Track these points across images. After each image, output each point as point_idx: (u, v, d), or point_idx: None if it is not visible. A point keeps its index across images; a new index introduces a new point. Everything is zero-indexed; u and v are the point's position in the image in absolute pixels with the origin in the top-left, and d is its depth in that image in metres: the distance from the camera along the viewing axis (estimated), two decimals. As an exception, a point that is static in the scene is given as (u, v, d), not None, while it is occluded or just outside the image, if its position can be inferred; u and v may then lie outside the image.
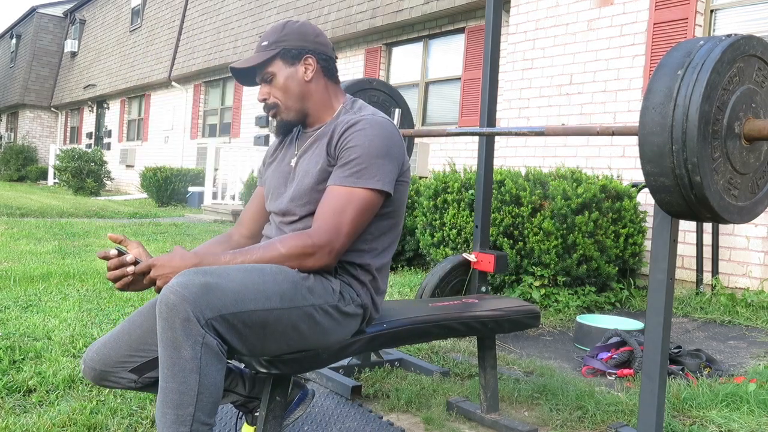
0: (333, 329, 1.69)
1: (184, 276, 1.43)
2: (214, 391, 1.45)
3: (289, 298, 1.56)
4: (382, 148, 1.69)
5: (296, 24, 1.83)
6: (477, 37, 7.99)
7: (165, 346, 1.41)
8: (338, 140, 1.72)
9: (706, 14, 5.31)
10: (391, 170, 1.70)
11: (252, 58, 1.81)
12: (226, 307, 1.44)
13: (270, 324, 1.53)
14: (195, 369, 1.41)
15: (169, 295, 1.40)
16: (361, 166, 1.66)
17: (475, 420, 2.37)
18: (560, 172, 4.64)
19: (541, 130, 2.23)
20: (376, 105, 2.94)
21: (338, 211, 1.64)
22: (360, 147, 1.68)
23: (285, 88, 1.80)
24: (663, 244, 1.79)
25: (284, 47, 1.80)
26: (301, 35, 1.81)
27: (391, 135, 1.73)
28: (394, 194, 1.75)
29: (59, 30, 24.70)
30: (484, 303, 2.30)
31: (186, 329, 1.39)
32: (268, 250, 1.61)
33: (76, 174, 15.53)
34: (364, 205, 1.66)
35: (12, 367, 2.59)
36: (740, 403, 2.52)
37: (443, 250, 4.70)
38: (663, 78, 1.56)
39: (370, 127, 1.70)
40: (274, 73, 1.80)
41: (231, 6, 13.51)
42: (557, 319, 4.11)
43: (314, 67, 1.81)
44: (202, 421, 1.44)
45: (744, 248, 4.85)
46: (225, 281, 1.46)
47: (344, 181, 1.66)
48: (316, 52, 1.82)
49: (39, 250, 5.77)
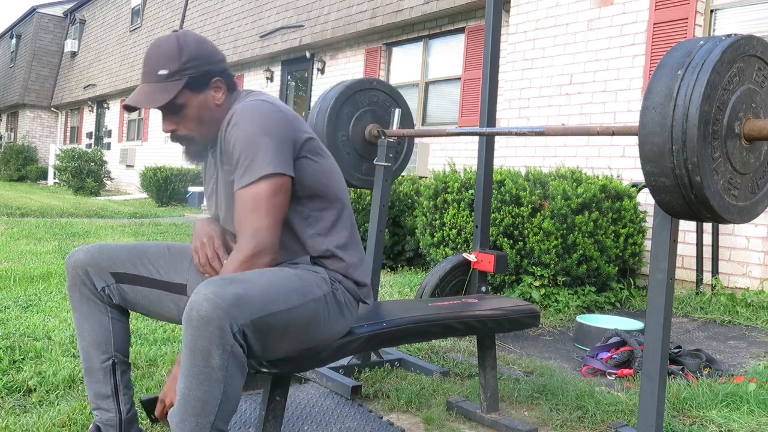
0: (334, 320, 1.69)
1: (213, 284, 1.42)
2: (234, 401, 1.46)
3: (302, 293, 1.57)
4: (259, 132, 1.60)
5: (191, 44, 1.68)
6: (477, 37, 7.99)
7: (193, 354, 1.40)
8: (224, 145, 1.67)
9: (706, 14, 5.31)
10: (277, 149, 1.60)
11: (154, 94, 1.64)
12: (255, 313, 1.44)
13: (290, 323, 1.54)
14: (221, 378, 1.41)
15: (203, 303, 1.38)
16: (249, 160, 1.59)
17: (475, 420, 2.37)
18: (560, 172, 4.64)
19: (541, 130, 2.23)
20: (376, 105, 2.94)
21: (251, 214, 1.58)
22: (239, 142, 1.61)
23: (198, 118, 1.70)
24: (663, 244, 1.79)
25: (190, 75, 1.66)
26: (205, 58, 1.68)
27: (266, 115, 1.63)
28: (304, 171, 1.67)
29: (59, 30, 24.70)
30: (483, 302, 2.30)
31: (218, 338, 1.38)
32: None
33: (76, 174, 15.54)
34: (270, 195, 1.59)
35: (12, 367, 2.58)
36: (740, 403, 2.52)
37: (443, 250, 4.70)
38: (663, 78, 1.56)
39: (242, 118, 1.62)
40: (183, 105, 1.67)
41: (231, 6, 13.51)
42: (557, 319, 4.11)
43: (224, 90, 1.72)
44: (219, 428, 1.45)
45: (744, 248, 4.85)
46: (251, 286, 1.47)
47: (242, 183, 1.60)
48: (221, 72, 1.72)
49: (39, 250, 5.77)
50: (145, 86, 1.67)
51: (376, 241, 2.89)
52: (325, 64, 10.64)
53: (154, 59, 1.66)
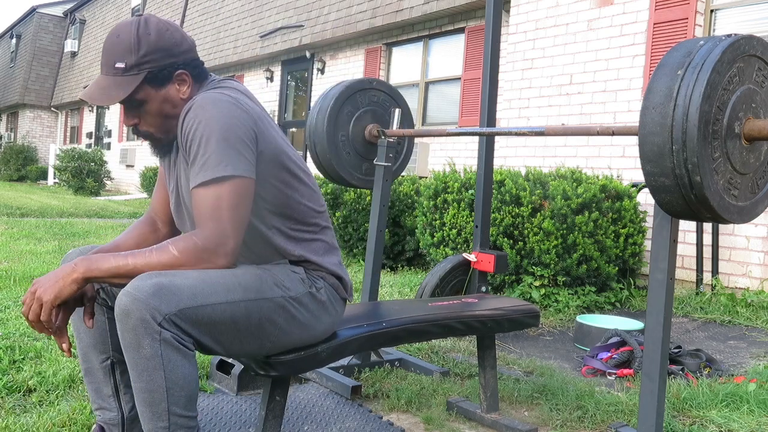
0: (316, 319, 1.68)
1: (137, 279, 1.42)
2: (185, 384, 1.45)
3: (254, 289, 1.54)
4: (218, 129, 1.48)
5: (152, 35, 1.55)
6: (477, 37, 7.99)
7: (126, 347, 1.42)
8: (181, 138, 1.54)
9: (706, 14, 5.31)
10: (239, 151, 1.49)
11: (110, 89, 1.53)
12: (183, 302, 1.42)
13: (240, 319, 1.51)
14: (158, 366, 1.41)
15: (122, 298, 1.40)
16: (205, 157, 1.47)
17: (475, 420, 2.37)
18: (560, 172, 4.64)
19: (541, 130, 2.23)
20: (376, 105, 2.94)
21: (211, 213, 1.48)
22: (197, 137, 1.49)
23: (160, 113, 1.59)
24: (663, 244, 1.79)
25: (149, 69, 1.54)
26: (166, 50, 1.56)
27: (226, 111, 1.50)
28: (270, 189, 1.59)
29: (59, 30, 24.70)
30: (483, 302, 2.30)
31: (142, 329, 1.39)
32: (162, 253, 1.48)
33: (76, 174, 15.54)
34: (232, 196, 1.48)
35: (12, 367, 2.58)
36: (740, 403, 2.52)
37: (443, 250, 4.70)
38: (663, 78, 1.56)
39: (201, 110, 1.50)
40: (144, 100, 1.57)
41: (231, 6, 13.51)
42: (557, 319, 4.11)
43: (189, 82, 1.61)
44: (178, 414, 1.46)
45: (744, 248, 4.85)
46: (179, 278, 1.44)
47: (200, 179, 1.48)
48: (187, 63, 1.60)
49: (39, 250, 5.77)
50: (101, 79, 1.56)
51: (376, 241, 2.89)
52: (325, 64, 10.65)
53: (110, 50, 1.55)
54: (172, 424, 1.45)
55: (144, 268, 1.47)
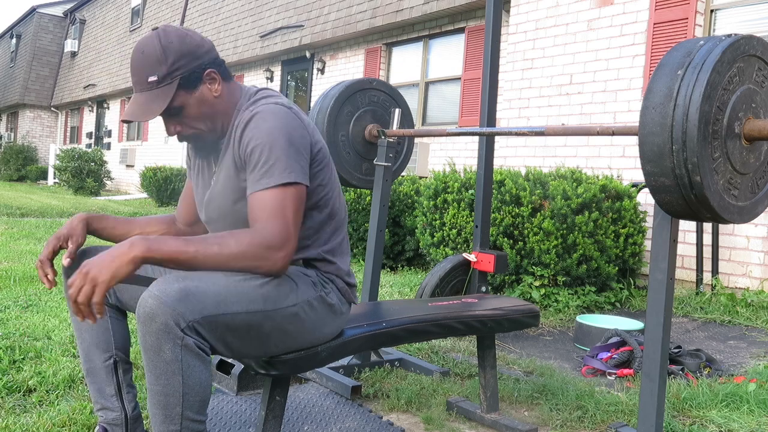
0: (323, 322, 1.69)
1: (163, 282, 1.42)
2: (200, 390, 1.46)
3: (273, 299, 1.55)
4: (282, 138, 1.56)
5: (175, 43, 1.61)
6: (477, 37, 7.99)
7: (146, 350, 1.42)
8: (239, 145, 1.61)
9: (706, 14, 5.31)
10: (298, 159, 1.58)
11: (149, 104, 1.59)
12: (207, 309, 1.43)
13: (254, 327, 1.52)
14: (177, 371, 1.42)
15: (148, 300, 1.39)
16: (269, 164, 1.54)
17: (475, 420, 2.37)
18: (560, 172, 4.64)
19: (541, 130, 2.23)
20: (376, 105, 2.94)
21: (278, 213, 1.52)
22: (261, 144, 1.56)
23: (199, 115, 1.65)
24: (663, 244, 1.79)
25: (181, 75, 1.61)
26: (191, 54, 1.62)
27: (287, 122, 1.59)
28: (315, 181, 1.67)
29: (59, 30, 24.70)
30: (483, 302, 2.30)
31: (165, 333, 1.39)
32: (223, 245, 1.47)
33: (76, 174, 15.54)
34: (294, 201, 1.55)
35: (12, 367, 2.58)
36: (740, 403, 2.52)
37: (443, 250, 4.70)
38: (663, 78, 1.57)
39: (263, 120, 1.58)
40: (182, 106, 1.63)
41: (231, 6, 13.51)
42: (557, 319, 4.11)
43: (218, 80, 1.67)
44: (191, 418, 1.46)
45: (744, 248, 4.85)
46: (205, 284, 1.45)
47: (264, 184, 1.54)
48: (211, 62, 1.67)
49: (39, 250, 5.76)
50: (138, 96, 1.62)
51: (376, 241, 2.89)
52: (325, 64, 10.65)
53: (140, 66, 1.60)
54: (183, 428, 1.46)
55: (203, 258, 1.44)
